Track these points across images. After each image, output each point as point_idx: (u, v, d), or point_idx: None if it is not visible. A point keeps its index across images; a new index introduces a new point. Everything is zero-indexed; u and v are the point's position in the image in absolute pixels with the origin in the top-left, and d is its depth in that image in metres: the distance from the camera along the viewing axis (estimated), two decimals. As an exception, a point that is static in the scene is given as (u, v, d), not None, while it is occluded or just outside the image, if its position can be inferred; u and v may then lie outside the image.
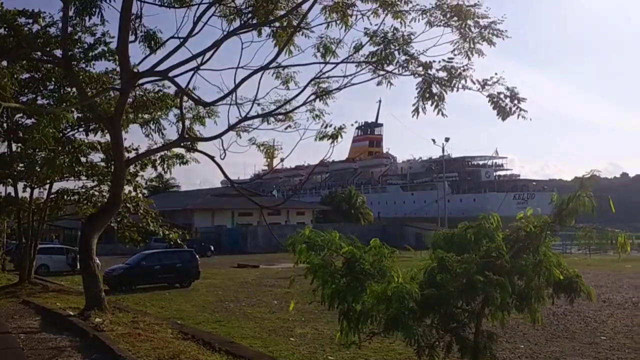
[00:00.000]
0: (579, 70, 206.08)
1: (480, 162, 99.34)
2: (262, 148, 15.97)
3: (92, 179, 19.96)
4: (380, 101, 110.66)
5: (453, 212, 70.75)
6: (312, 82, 12.73)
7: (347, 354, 12.28)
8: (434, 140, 57.21)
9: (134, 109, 14.50)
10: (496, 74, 9.55)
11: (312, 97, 12.85)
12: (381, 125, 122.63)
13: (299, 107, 12.96)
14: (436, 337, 5.91)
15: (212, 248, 46.36)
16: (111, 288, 22.04)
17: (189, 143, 14.14)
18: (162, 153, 15.46)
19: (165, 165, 15.44)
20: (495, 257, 6.53)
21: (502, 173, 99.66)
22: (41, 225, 22.85)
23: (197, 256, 26.33)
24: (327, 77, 12.63)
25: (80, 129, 18.39)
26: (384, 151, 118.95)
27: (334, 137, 10.46)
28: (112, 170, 12.82)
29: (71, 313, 14.13)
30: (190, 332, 10.99)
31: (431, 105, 9.89)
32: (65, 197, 19.86)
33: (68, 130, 17.78)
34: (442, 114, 9.77)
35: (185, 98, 13.36)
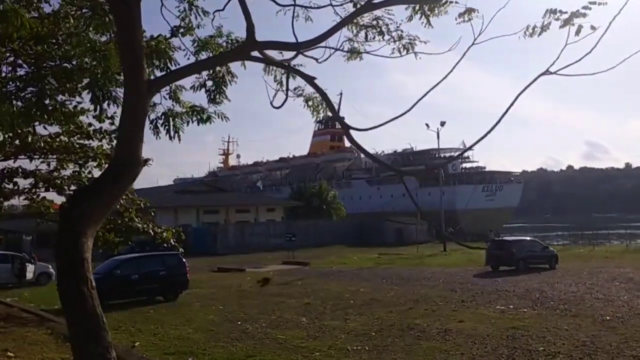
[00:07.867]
0: (516, 67, 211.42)
1: (447, 155, 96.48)
2: (310, 104, 11.04)
3: (50, 159, 14.33)
4: (341, 94, 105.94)
5: (422, 206, 67.53)
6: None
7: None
8: (427, 125, 52.58)
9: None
10: None
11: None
12: (343, 118, 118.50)
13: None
14: None
15: (182, 250, 40.41)
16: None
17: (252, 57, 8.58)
18: (169, 107, 9.98)
19: (171, 126, 9.98)
20: None
21: (468, 165, 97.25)
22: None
23: (185, 261, 21.04)
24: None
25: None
26: (347, 145, 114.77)
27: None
28: (123, 100, 6.72)
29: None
30: None
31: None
32: (14, 179, 13.72)
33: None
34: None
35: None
